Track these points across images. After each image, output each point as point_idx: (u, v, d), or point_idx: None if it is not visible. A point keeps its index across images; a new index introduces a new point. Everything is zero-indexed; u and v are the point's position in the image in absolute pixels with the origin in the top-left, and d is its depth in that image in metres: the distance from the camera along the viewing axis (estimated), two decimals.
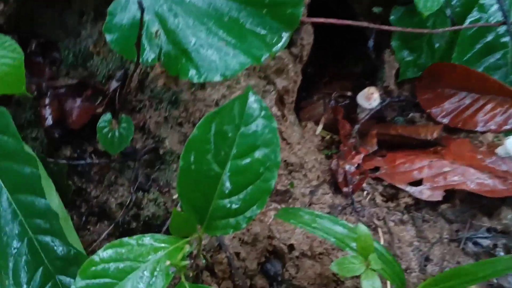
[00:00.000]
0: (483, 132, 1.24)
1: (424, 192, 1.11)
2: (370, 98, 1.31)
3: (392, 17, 1.31)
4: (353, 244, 0.82)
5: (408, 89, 1.39)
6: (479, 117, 1.25)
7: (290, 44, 1.10)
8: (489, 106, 1.25)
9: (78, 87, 0.97)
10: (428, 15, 1.17)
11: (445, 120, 1.28)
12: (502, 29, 1.25)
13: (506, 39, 1.25)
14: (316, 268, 0.95)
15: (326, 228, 0.85)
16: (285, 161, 1.03)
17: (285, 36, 0.78)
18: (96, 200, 1.00)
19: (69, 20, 1.02)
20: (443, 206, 1.13)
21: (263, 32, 0.77)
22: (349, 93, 1.45)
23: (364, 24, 1.06)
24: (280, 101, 1.17)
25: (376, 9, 1.36)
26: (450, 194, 1.14)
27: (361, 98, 1.32)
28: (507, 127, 1.21)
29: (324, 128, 1.32)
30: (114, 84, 0.95)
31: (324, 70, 1.58)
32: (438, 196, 1.09)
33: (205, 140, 0.72)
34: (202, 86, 1.00)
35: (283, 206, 1.03)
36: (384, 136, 1.32)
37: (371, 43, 1.35)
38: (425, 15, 1.12)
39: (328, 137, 1.29)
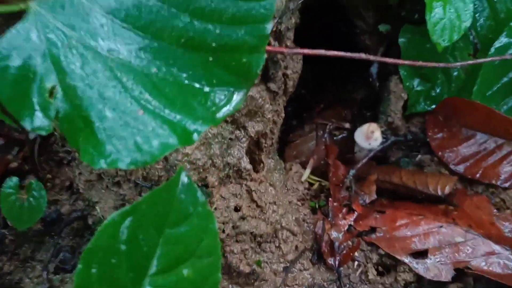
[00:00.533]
0: (506, 189, 1.00)
1: (430, 269, 0.89)
2: (370, 138, 1.08)
3: (400, 40, 1.08)
4: None
5: (418, 125, 1.16)
6: (503, 168, 1.01)
7: (268, 79, 0.87)
8: None
9: None
10: None
11: (460, 168, 1.05)
12: None
13: None
14: None
15: None
16: (252, 233, 0.81)
17: (239, 95, 0.55)
18: (9, 278, 0.79)
19: None
20: (453, 286, 0.90)
21: (206, 89, 0.54)
22: (347, 125, 1.22)
23: (362, 56, 0.82)
24: (256, 146, 0.95)
25: (382, 28, 1.12)
26: (461, 271, 0.92)
27: (359, 136, 1.10)
28: None
29: (313, 172, 1.09)
30: (32, 134, 0.74)
31: (321, 94, 1.34)
32: (447, 276, 0.87)
33: (113, 251, 0.51)
34: None
35: None
36: (386, 184, 1.09)
37: (374, 69, 1.11)
38: (442, 47, 0.88)
39: (316, 184, 1.06)
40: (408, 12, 1.07)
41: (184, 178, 0.52)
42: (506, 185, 1.00)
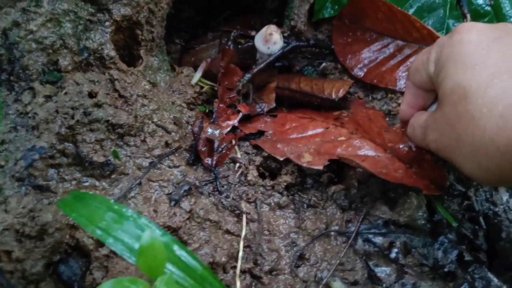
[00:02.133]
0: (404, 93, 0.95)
1: (304, 156, 0.84)
2: (268, 41, 1.01)
3: None
4: None
5: (326, 32, 1.09)
6: (400, 73, 0.96)
7: None
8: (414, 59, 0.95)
9: None
10: None
11: (361, 73, 1.00)
12: None
13: None
14: (131, 271, 0.69)
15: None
16: (108, 121, 0.74)
17: None
18: None
19: None
20: (335, 188, 0.87)
21: None
22: (253, 33, 1.13)
23: None
24: (132, 38, 0.86)
25: None
26: (347, 173, 0.88)
27: (258, 40, 1.03)
28: None
29: (207, 77, 1.02)
30: None
31: (233, 2, 1.25)
32: (319, 163, 0.82)
33: None
34: None
35: (104, 183, 0.75)
36: (285, 91, 1.03)
37: None
38: None
39: (207, 88, 0.99)
40: None
41: None
42: (399, 89, 0.95)
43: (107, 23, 0.78)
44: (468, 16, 0.91)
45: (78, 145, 0.73)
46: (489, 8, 0.93)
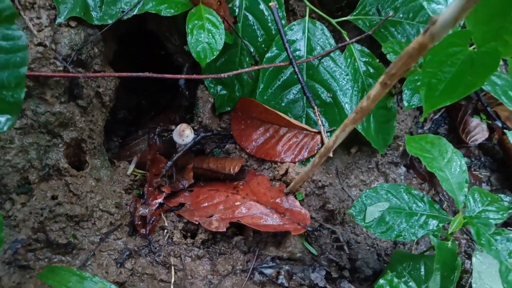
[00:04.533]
0: (282, 163, 1.33)
1: (212, 223, 1.18)
2: (182, 135, 1.37)
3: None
4: None
5: (227, 121, 1.47)
6: (279, 148, 1.34)
7: (76, 97, 1.13)
8: (286, 137, 1.34)
9: None
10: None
11: (253, 151, 1.37)
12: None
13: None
14: None
15: None
16: (67, 214, 1.07)
17: (8, 121, 0.80)
18: None
19: None
20: (237, 239, 1.21)
21: None
22: (173, 127, 1.50)
23: (167, 76, 1.11)
24: (80, 149, 1.20)
25: (187, 48, 1.41)
26: (245, 227, 1.23)
27: (175, 135, 1.38)
28: (300, 157, 1.31)
29: (140, 167, 1.37)
30: None
31: (156, 102, 1.62)
32: (222, 226, 1.17)
33: None
34: None
35: (68, 258, 1.07)
36: (199, 170, 1.39)
37: (182, 81, 1.40)
38: (205, 62, 1.19)
39: (140, 176, 1.34)
40: None
41: None
42: (283, 159, 1.33)
43: (60, 145, 1.12)
44: (316, 107, 1.31)
45: (47, 234, 1.05)
46: (331, 100, 1.33)
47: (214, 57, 1.19)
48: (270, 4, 1.29)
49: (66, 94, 1.10)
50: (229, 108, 1.44)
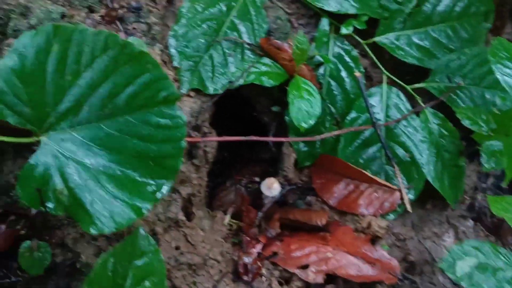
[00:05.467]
0: (364, 216, 1.46)
1: (309, 275, 1.31)
2: (271, 188, 1.51)
3: (286, 117, 1.53)
4: None
5: (307, 175, 1.61)
6: (360, 202, 1.48)
7: (192, 157, 1.30)
8: (367, 192, 1.48)
9: (3, 215, 1.13)
10: None
11: (334, 204, 1.51)
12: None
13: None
14: None
15: None
16: (188, 263, 1.21)
17: (168, 185, 0.96)
18: None
19: None
20: (329, 287, 1.34)
21: (150, 181, 0.95)
22: (257, 179, 1.66)
23: (253, 138, 1.27)
24: (189, 202, 1.36)
25: (275, 108, 1.58)
26: (335, 276, 1.36)
27: (263, 187, 1.53)
28: (381, 211, 1.45)
29: (233, 216, 1.51)
30: (34, 210, 1.11)
31: (238, 155, 1.78)
32: (320, 279, 1.30)
33: (103, 275, 0.90)
34: None
35: None
36: (285, 220, 1.53)
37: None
38: (304, 128, 1.34)
39: (235, 225, 1.48)
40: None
41: (141, 231, 0.93)
42: (363, 213, 1.46)
43: (178, 200, 1.27)
44: (395, 164, 1.45)
45: (172, 280, 1.19)
46: (408, 159, 1.48)
47: (314, 123, 1.34)
48: (355, 73, 1.46)
49: (186, 155, 1.27)
50: (309, 163, 1.59)
